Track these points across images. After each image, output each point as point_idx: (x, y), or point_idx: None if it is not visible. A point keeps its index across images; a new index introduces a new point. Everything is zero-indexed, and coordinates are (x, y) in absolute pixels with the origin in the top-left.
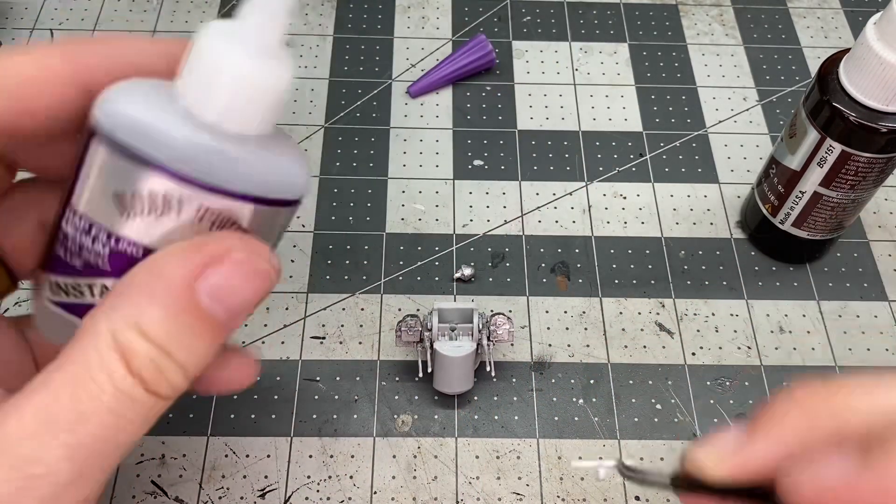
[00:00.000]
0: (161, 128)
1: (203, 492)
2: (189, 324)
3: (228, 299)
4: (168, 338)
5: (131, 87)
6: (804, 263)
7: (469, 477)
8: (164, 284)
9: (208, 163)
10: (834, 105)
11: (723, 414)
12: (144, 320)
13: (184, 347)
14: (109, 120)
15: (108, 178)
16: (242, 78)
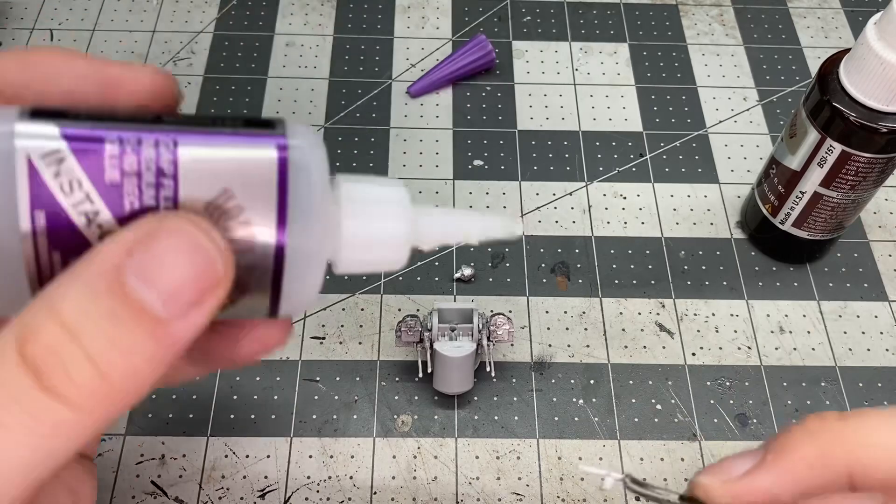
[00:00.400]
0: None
1: (203, 492)
2: (111, 308)
3: (160, 279)
4: (79, 318)
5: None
6: (804, 263)
7: (469, 477)
8: (89, 264)
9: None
10: (834, 105)
11: (723, 414)
12: (56, 298)
13: (101, 337)
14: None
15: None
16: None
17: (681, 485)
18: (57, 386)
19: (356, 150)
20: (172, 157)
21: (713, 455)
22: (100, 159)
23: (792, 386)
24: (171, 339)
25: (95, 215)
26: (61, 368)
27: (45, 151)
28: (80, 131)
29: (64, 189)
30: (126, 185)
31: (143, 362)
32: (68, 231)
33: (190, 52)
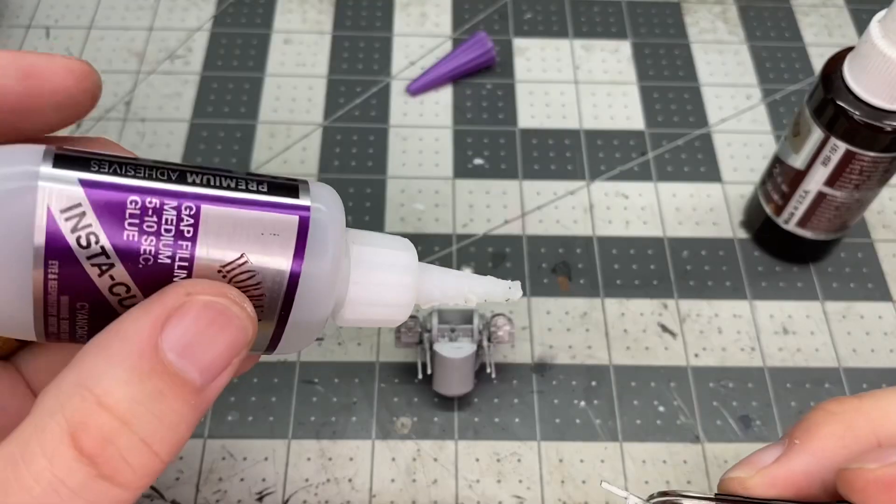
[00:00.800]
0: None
1: (200, 495)
2: (157, 388)
3: (199, 354)
4: (130, 406)
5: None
6: (808, 264)
7: (469, 480)
8: (123, 343)
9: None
10: (838, 104)
11: (726, 416)
12: (101, 386)
13: (151, 418)
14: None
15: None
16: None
17: (683, 487)
18: (116, 474)
19: (355, 150)
20: (193, 223)
21: (716, 457)
22: (120, 218)
23: (796, 387)
24: (206, 403)
25: (109, 268)
26: (118, 456)
27: (65, 206)
28: (101, 190)
29: (81, 243)
30: (143, 244)
31: (185, 431)
32: (80, 280)
33: (187, 49)
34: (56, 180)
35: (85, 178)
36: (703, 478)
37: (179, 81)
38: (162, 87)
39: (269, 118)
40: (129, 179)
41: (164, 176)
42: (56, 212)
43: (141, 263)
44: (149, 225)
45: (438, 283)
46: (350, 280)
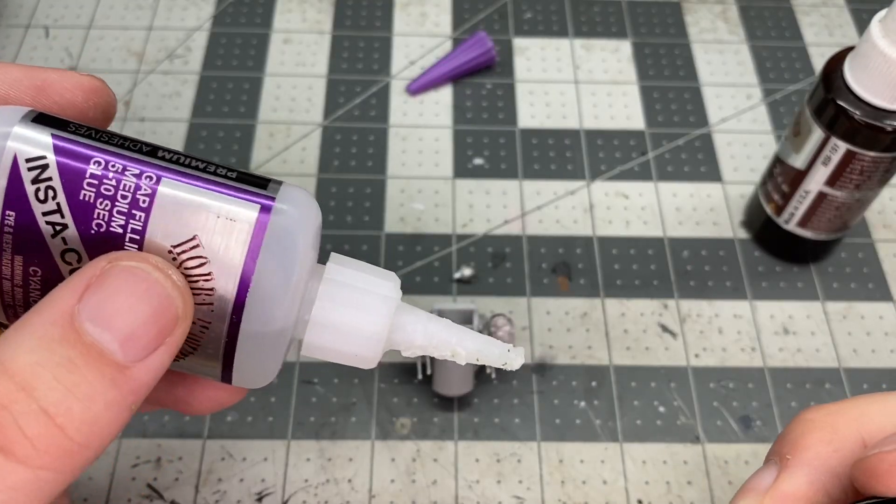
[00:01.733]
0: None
1: (199, 495)
2: (67, 357)
3: (118, 323)
4: (32, 371)
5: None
6: (808, 264)
7: (469, 480)
8: (39, 314)
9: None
10: (839, 103)
11: (727, 417)
12: (6, 353)
13: (55, 386)
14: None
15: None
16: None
17: (683, 488)
18: (10, 445)
19: (355, 149)
20: (150, 192)
21: (716, 458)
22: (80, 176)
23: (796, 388)
24: (132, 383)
25: (62, 228)
26: (13, 425)
27: (30, 156)
28: (70, 145)
29: (38, 196)
30: (98, 207)
31: (103, 409)
32: (33, 237)
33: (186, 49)
34: (29, 134)
35: (57, 135)
36: (703, 478)
37: (179, 81)
38: (161, 87)
39: (268, 118)
40: (99, 143)
41: (136, 147)
42: (21, 160)
43: (93, 228)
44: (106, 188)
45: (422, 327)
46: (318, 296)
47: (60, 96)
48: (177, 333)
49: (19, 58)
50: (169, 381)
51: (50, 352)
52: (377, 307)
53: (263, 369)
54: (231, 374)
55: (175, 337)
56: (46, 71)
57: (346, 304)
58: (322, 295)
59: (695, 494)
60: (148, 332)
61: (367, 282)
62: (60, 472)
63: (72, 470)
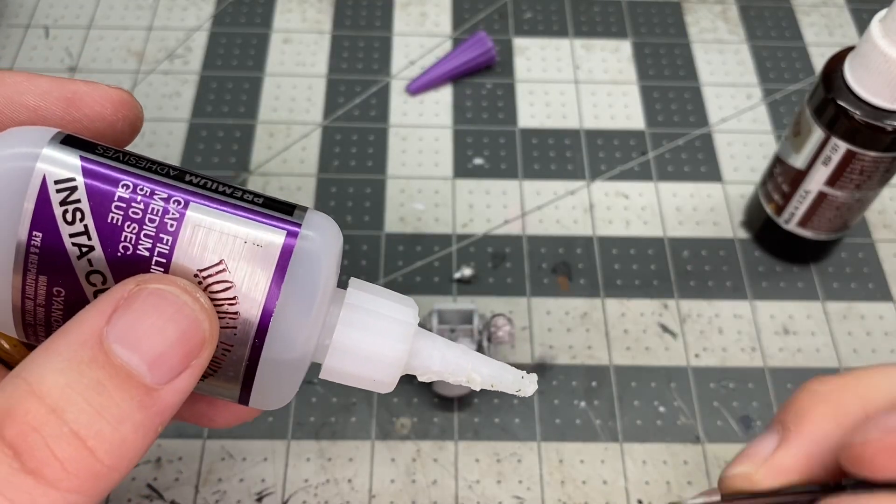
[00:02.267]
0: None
1: (199, 495)
2: (97, 379)
3: (146, 345)
4: (62, 394)
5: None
6: (809, 264)
7: (469, 481)
8: (67, 335)
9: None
10: (839, 103)
11: (727, 417)
12: (35, 375)
13: (86, 409)
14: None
15: None
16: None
17: (683, 488)
18: (41, 467)
19: (355, 149)
20: (178, 217)
21: (716, 458)
22: (108, 199)
23: (796, 388)
24: (159, 405)
25: (89, 250)
26: (44, 447)
27: (59, 178)
28: (99, 168)
29: (66, 218)
30: (125, 230)
31: (131, 432)
32: (59, 258)
33: (186, 49)
34: (58, 157)
35: (86, 157)
36: (703, 478)
37: (178, 81)
38: (161, 87)
39: (268, 118)
40: (127, 166)
41: (164, 171)
42: (50, 182)
43: (120, 251)
44: (134, 211)
45: (439, 353)
46: (338, 321)
47: (90, 108)
48: (203, 356)
49: (19, 58)
50: (191, 397)
51: (79, 374)
52: (396, 333)
53: (281, 392)
54: (249, 396)
55: (201, 359)
56: (75, 83)
57: (366, 329)
58: (343, 320)
59: None
60: (175, 354)
61: (386, 307)
62: (88, 494)
63: (99, 493)
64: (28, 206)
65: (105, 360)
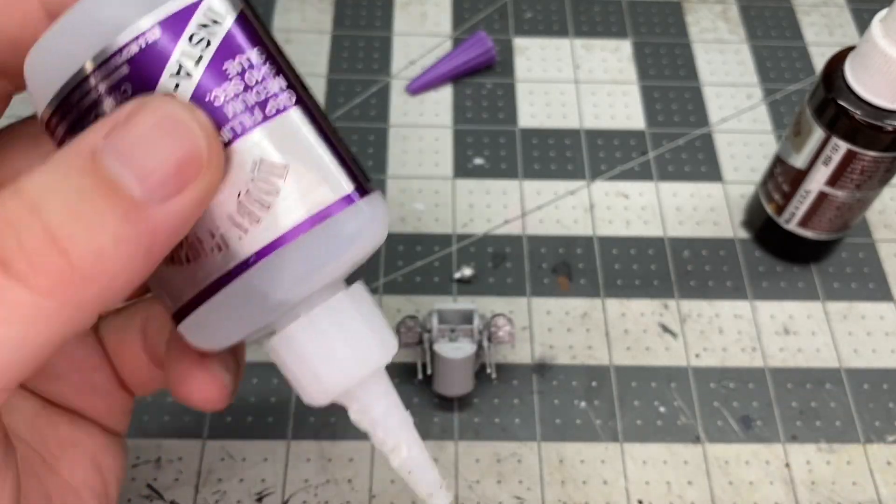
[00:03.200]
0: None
1: (199, 496)
2: (81, 186)
3: (138, 158)
4: (41, 193)
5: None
6: (809, 264)
7: (469, 481)
8: (65, 147)
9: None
10: (839, 103)
11: (727, 417)
12: (24, 178)
13: (63, 210)
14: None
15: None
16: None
17: (684, 488)
18: (10, 259)
19: (355, 149)
20: (280, 109)
21: (717, 458)
22: (237, 51)
23: (797, 388)
24: (148, 223)
25: (184, 77)
26: (15, 241)
27: (213, 6)
28: (248, 24)
29: (191, 39)
30: (228, 83)
31: (111, 242)
32: (154, 64)
33: None
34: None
35: (245, 10)
36: (704, 479)
37: None
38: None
39: None
40: (269, 41)
41: (292, 69)
42: (204, 5)
43: (207, 97)
44: (249, 77)
45: (386, 403)
46: (325, 303)
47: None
48: (201, 181)
49: None
50: (174, 358)
51: (65, 177)
52: (367, 354)
53: (223, 328)
54: (191, 312)
55: (199, 184)
56: None
57: (343, 328)
58: (329, 304)
59: (695, 495)
60: (168, 171)
61: (374, 326)
62: (60, 301)
63: (74, 304)
64: (172, 6)
65: (94, 169)
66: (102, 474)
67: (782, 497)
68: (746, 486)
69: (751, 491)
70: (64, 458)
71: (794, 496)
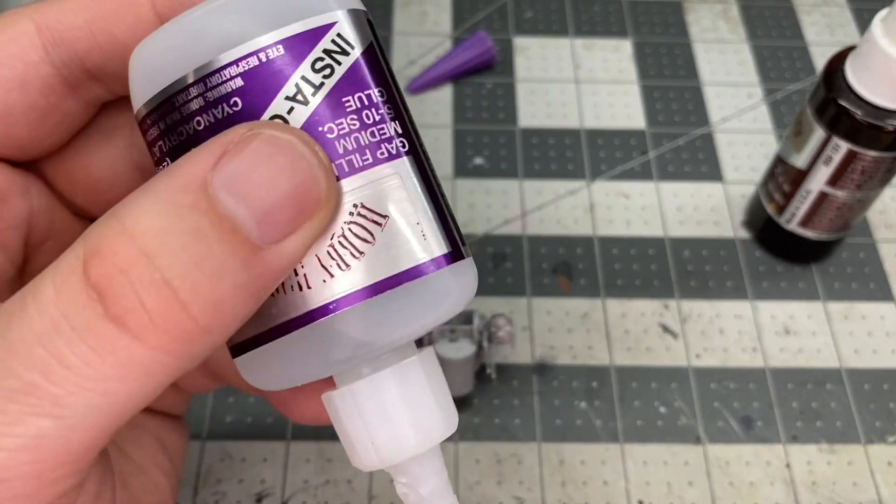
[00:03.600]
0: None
1: (199, 496)
2: (196, 226)
3: (255, 196)
4: (156, 237)
5: None
6: (810, 264)
7: (469, 482)
8: (169, 177)
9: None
10: (840, 103)
11: (728, 417)
12: (130, 215)
13: (181, 256)
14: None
15: None
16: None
17: (684, 488)
18: (126, 315)
19: None
20: (391, 154)
21: (717, 459)
22: (359, 86)
23: (797, 388)
24: (263, 267)
25: (300, 103)
26: (132, 293)
27: (344, 35)
28: (376, 60)
29: (314, 65)
30: (344, 119)
31: (231, 291)
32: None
33: None
34: (356, 23)
35: (374, 45)
36: (704, 479)
37: None
38: None
39: None
40: (393, 81)
41: (411, 119)
42: (334, 31)
43: (319, 127)
44: (367, 115)
45: (433, 486)
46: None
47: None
48: (316, 220)
49: None
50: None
51: (178, 218)
52: (430, 428)
53: (283, 372)
54: (256, 349)
55: (314, 223)
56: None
57: (410, 396)
58: (402, 367)
59: (696, 495)
60: (287, 210)
61: (441, 397)
62: (177, 356)
63: (189, 357)
64: (297, 27)
65: (208, 208)
66: (168, 453)
67: (783, 498)
68: (747, 487)
69: (751, 491)
70: (130, 439)
71: (794, 497)
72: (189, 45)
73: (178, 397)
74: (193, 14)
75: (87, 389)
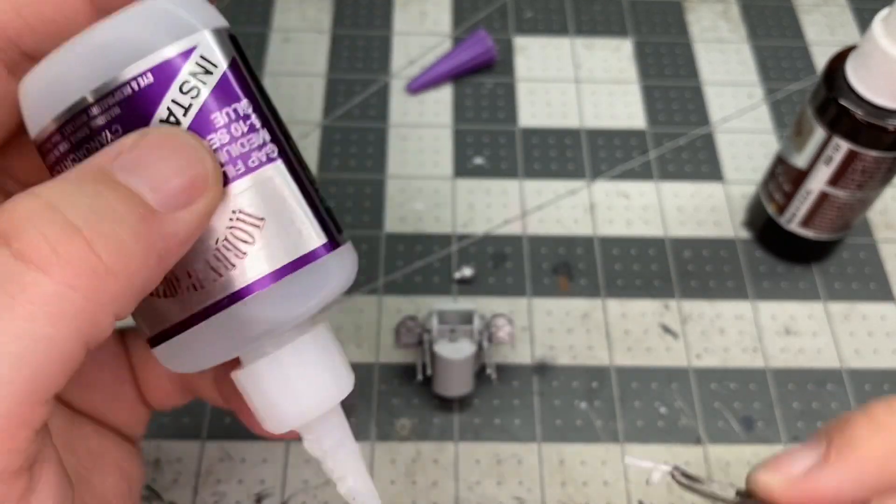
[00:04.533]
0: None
1: (198, 497)
2: (97, 189)
3: (148, 170)
4: (60, 195)
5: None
6: (810, 264)
7: (469, 482)
8: (72, 170)
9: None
10: (840, 103)
11: (728, 418)
12: (39, 187)
13: (82, 206)
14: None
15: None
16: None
17: (684, 489)
18: (30, 250)
19: (354, 149)
20: (262, 161)
21: (718, 459)
22: (228, 101)
23: (798, 388)
24: (162, 228)
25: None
26: (36, 231)
27: (207, 56)
28: (240, 74)
29: (182, 88)
30: (214, 134)
31: (131, 237)
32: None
33: None
34: (219, 42)
35: (237, 59)
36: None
37: None
38: None
39: None
40: (258, 91)
41: (278, 118)
42: (197, 52)
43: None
44: (235, 129)
45: (339, 435)
46: (292, 342)
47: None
48: (206, 196)
49: None
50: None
51: (80, 185)
52: (324, 392)
53: (197, 356)
54: (170, 338)
55: (205, 199)
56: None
57: (304, 368)
58: (296, 345)
59: (697, 496)
60: (179, 183)
61: (334, 366)
62: (86, 294)
63: (100, 297)
64: (165, 52)
65: (108, 178)
66: (128, 481)
67: None
68: None
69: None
70: (95, 469)
71: None
72: (76, 73)
73: (138, 411)
74: (76, 42)
75: (4, 334)
